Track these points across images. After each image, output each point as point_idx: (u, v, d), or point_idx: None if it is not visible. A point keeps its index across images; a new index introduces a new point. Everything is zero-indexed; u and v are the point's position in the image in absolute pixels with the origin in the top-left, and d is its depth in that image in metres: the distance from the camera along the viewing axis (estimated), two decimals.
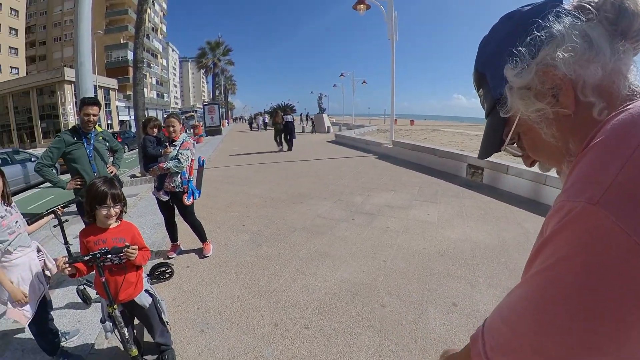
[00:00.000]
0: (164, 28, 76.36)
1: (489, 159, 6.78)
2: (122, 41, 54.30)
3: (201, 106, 35.26)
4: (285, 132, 14.30)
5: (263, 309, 2.89)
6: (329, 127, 23.70)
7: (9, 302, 2.24)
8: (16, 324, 3.13)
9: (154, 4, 64.75)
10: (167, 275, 3.57)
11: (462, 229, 4.31)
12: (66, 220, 3.21)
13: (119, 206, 2.04)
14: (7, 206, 2.32)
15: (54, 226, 2.75)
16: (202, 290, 3.33)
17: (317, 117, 26.01)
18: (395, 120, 27.86)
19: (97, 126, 3.65)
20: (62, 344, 2.61)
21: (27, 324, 2.32)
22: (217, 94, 44.09)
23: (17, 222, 2.34)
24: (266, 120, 32.88)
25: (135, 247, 1.99)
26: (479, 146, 0.72)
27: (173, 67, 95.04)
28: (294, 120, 15.29)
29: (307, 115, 30.95)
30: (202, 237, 4.15)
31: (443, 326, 2.53)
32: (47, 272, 2.51)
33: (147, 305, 2.17)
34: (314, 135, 20.70)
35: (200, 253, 4.14)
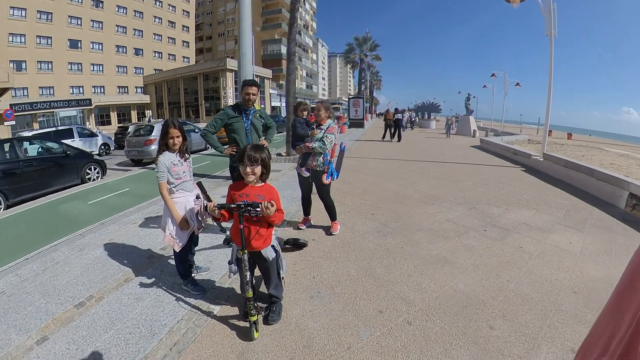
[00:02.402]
0: (314, 25, 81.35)
1: None
2: (276, 37, 60.18)
3: (346, 99, 36.56)
4: (395, 127, 17.17)
5: (372, 294, 2.92)
6: (474, 130, 21.56)
7: (167, 230, 2.84)
8: (161, 250, 3.98)
9: (304, 3, 69.51)
10: (297, 246, 3.91)
11: (607, 269, 3.40)
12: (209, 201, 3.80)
13: (257, 167, 2.28)
14: (181, 158, 2.91)
15: (197, 197, 3.17)
16: (321, 263, 3.55)
17: (463, 119, 23.94)
18: (550, 131, 23.48)
19: (256, 105, 4.12)
20: (193, 274, 3.19)
21: (179, 250, 2.89)
22: (362, 89, 44.98)
23: (184, 172, 2.93)
24: (413, 119, 31.29)
25: (274, 203, 2.20)
26: None
27: (322, 61, 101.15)
28: (402, 119, 18.28)
29: (455, 117, 28.37)
30: (332, 216, 4.38)
31: None
32: (200, 217, 3.03)
33: (270, 259, 2.42)
34: (451, 140, 18.94)
35: (328, 230, 4.38)
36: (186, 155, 2.98)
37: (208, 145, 13.85)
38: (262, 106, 47.74)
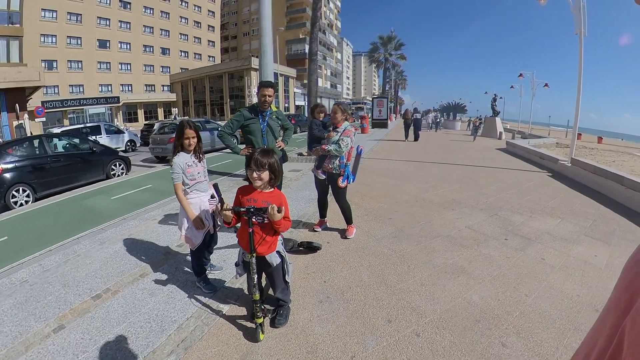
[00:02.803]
0: (339, 24, 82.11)
1: None
2: (300, 36, 60.93)
3: (370, 99, 36.37)
4: (414, 127, 17.75)
5: (383, 302, 2.88)
6: (500, 132, 20.86)
7: (183, 229, 2.93)
8: (178, 247, 4.11)
9: (328, 2, 70.54)
10: (311, 248, 3.93)
11: None
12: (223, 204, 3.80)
13: (264, 172, 2.27)
14: (196, 159, 2.99)
15: (211, 197, 3.17)
16: (334, 267, 3.54)
17: (489, 120, 23.27)
18: (579, 134, 22.34)
19: (272, 106, 4.14)
20: (207, 271, 3.29)
21: (194, 249, 2.99)
22: (386, 88, 44.70)
23: (199, 172, 3.00)
24: (438, 119, 30.60)
25: (282, 209, 2.19)
26: None
27: (347, 60, 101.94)
28: (421, 119, 18.98)
29: (480, 119, 27.74)
30: (348, 219, 4.36)
31: None
32: (215, 216, 3.12)
33: (275, 265, 2.44)
34: (476, 142, 18.37)
35: (343, 233, 4.37)
36: (200, 155, 3.06)
37: None
38: (287, 105, 48.30)
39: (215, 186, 3.05)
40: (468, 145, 16.75)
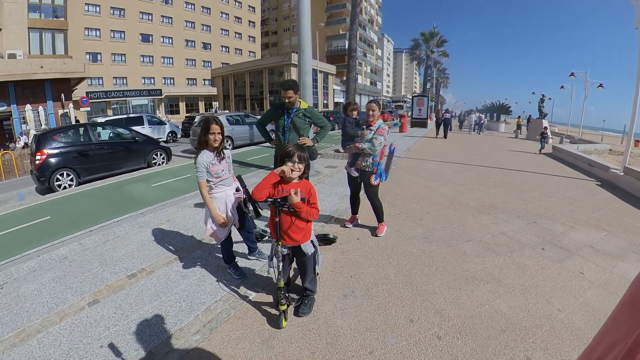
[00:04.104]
0: (379, 20, 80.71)
1: None
2: (340, 32, 60.19)
3: (411, 97, 35.67)
4: (444, 125, 18.86)
5: (407, 302, 2.90)
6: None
7: (208, 224, 3.08)
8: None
9: None
10: (327, 241, 4.03)
11: None
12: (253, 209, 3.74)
13: (302, 165, 2.45)
14: (218, 157, 3.06)
15: (236, 190, 3.28)
16: (362, 263, 3.60)
17: (535, 122, 21.97)
18: (637, 141, 20.57)
19: (303, 103, 4.24)
20: (255, 256, 3.55)
21: (219, 243, 3.18)
22: (428, 87, 43.66)
23: (223, 170, 3.09)
24: (482, 121, 29.09)
25: (297, 191, 2.33)
26: None
27: (387, 57, 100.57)
28: (450, 118, 19.99)
29: (527, 119, 26.60)
30: (379, 217, 4.41)
31: None
32: (245, 209, 3.29)
33: (309, 254, 2.55)
34: (520, 145, 17.49)
35: (374, 231, 4.42)
36: (222, 153, 3.08)
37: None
38: (325, 102, 48.29)
39: (239, 178, 3.16)
40: (511, 148, 16.02)
